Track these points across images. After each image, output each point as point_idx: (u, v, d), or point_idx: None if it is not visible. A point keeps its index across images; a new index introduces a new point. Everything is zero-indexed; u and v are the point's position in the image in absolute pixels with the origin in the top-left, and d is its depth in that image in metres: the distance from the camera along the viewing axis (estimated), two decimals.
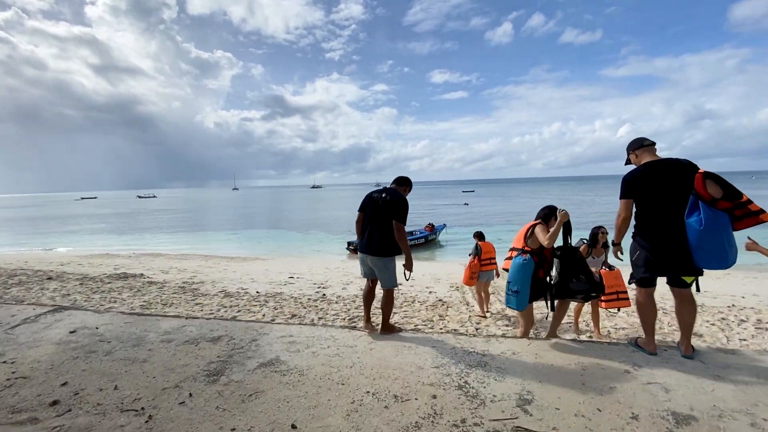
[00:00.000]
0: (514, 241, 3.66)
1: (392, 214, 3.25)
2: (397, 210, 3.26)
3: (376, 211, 3.33)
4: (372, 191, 3.48)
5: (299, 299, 7.34)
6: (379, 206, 3.31)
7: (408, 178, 3.60)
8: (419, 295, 7.67)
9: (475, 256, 6.33)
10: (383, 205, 3.28)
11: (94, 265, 13.08)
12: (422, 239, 19.53)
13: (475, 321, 5.81)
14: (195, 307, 6.65)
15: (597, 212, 34.46)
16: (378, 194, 3.38)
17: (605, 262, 5.27)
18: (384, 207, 3.28)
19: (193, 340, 3.24)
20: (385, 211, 3.28)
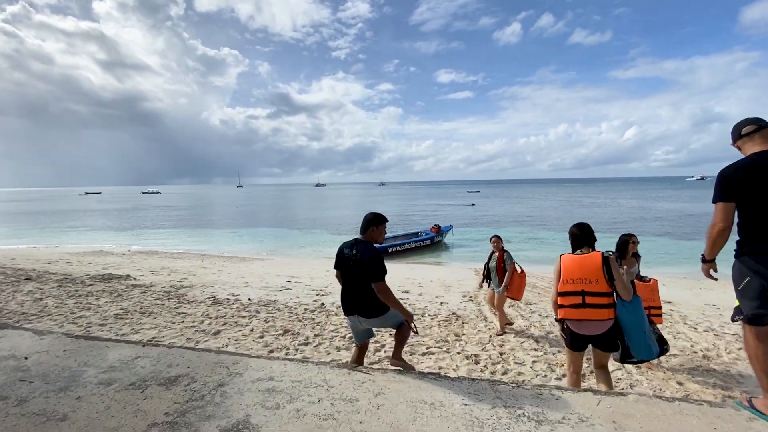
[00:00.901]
0: (585, 274, 2.95)
1: (368, 275, 2.79)
2: (370, 270, 2.78)
3: (350, 272, 2.92)
4: (343, 246, 3.03)
5: (294, 309, 6.53)
6: (351, 267, 2.89)
7: (378, 215, 3.04)
8: (430, 307, 6.83)
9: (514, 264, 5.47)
10: (354, 265, 2.86)
11: (83, 263, 12.37)
12: (428, 241, 18.67)
13: (498, 342, 4.97)
14: (176, 318, 5.85)
15: (610, 216, 33.39)
16: (348, 250, 2.94)
17: (638, 274, 4.43)
18: (356, 268, 2.85)
19: (142, 381, 2.43)
20: (358, 272, 2.85)
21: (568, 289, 2.99)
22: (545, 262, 14.89)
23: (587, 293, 2.93)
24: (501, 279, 5.40)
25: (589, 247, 3.18)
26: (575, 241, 3.25)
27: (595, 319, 2.93)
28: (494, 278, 5.47)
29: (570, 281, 3.00)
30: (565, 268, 3.05)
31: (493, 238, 5.58)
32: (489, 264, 5.55)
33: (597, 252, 3.11)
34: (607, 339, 3.00)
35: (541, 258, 15.79)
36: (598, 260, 3.00)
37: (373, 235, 2.98)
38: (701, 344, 5.06)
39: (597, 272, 2.95)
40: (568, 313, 3.00)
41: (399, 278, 10.68)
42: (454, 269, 12.98)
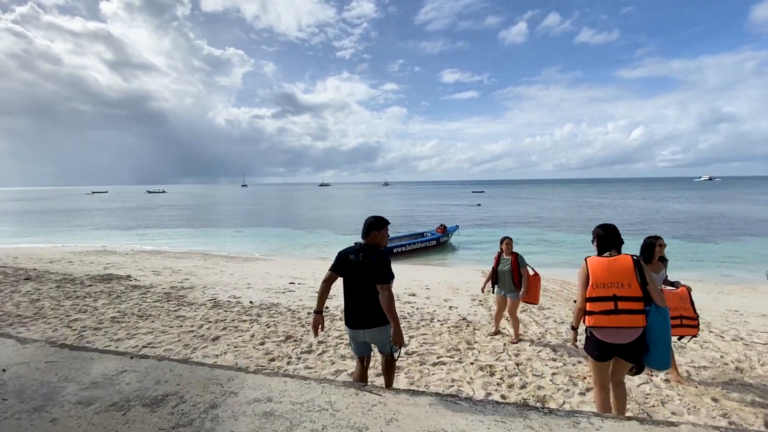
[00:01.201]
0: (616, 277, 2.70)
1: (374, 277, 2.64)
2: (378, 270, 2.64)
3: (357, 278, 2.73)
4: (345, 250, 2.86)
5: (297, 313, 6.27)
6: (359, 272, 2.71)
7: (380, 218, 2.87)
8: (438, 312, 6.54)
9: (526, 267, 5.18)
10: (363, 270, 2.69)
11: (85, 263, 12.21)
12: (433, 241, 18.35)
13: (513, 351, 4.66)
14: (174, 322, 5.61)
15: (619, 216, 32.84)
16: (354, 255, 2.77)
17: (666, 279, 4.11)
18: (364, 272, 2.69)
19: (125, 401, 2.16)
20: (366, 275, 2.68)
21: (599, 294, 2.72)
22: (555, 264, 14.54)
23: (620, 298, 2.68)
24: (516, 284, 5.10)
25: (616, 250, 2.91)
26: (602, 243, 2.98)
27: (628, 327, 2.67)
28: (507, 283, 5.16)
29: (600, 285, 2.73)
30: (593, 271, 2.78)
31: (505, 241, 5.27)
32: (499, 268, 5.23)
33: (626, 255, 2.84)
34: (635, 348, 2.73)
35: (552, 260, 15.43)
36: (629, 263, 2.75)
37: (375, 239, 2.81)
38: (731, 355, 4.73)
39: (629, 276, 2.70)
40: (598, 320, 2.73)
41: (405, 280, 10.40)
42: (461, 271, 12.67)
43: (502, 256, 5.26)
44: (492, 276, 5.33)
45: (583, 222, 28.49)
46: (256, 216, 41.33)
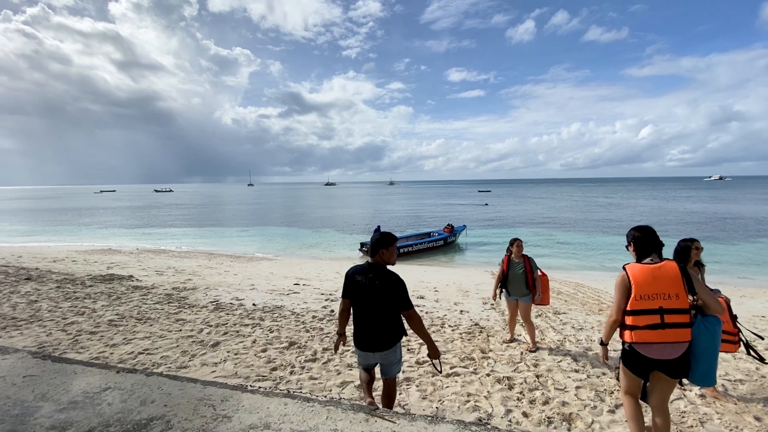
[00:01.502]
0: (663, 287, 2.41)
1: (394, 302, 2.52)
2: (395, 295, 2.50)
3: (369, 302, 2.56)
4: (354, 271, 2.67)
5: (302, 316, 6.01)
6: (371, 296, 2.54)
7: (387, 235, 2.69)
8: (449, 316, 6.24)
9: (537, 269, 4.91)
10: (375, 293, 2.53)
11: (89, 262, 12.10)
12: (441, 241, 18.01)
13: (531, 361, 4.35)
14: (173, 326, 5.38)
15: (630, 217, 32.20)
16: (363, 277, 2.59)
17: None
18: (377, 296, 2.52)
19: (104, 427, 1.91)
20: (379, 299, 2.52)
21: (643, 306, 2.42)
22: (567, 267, 14.12)
23: (667, 311, 2.39)
24: (531, 288, 4.81)
25: (657, 255, 2.59)
26: (641, 247, 2.66)
27: (675, 342, 2.40)
28: (520, 287, 4.84)
29: (644, 297, 2.43)
30: (636, 281, 2.47)
31: (516, 243, 4.94)
32: (510, 272, 4.90)
33: (670, 261, 2.53)
34: (680, 364, 2.43)
35: (563, 262, 15.01)
36: (676, 271, 2.45)
37: (384, 258, 2.62)
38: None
39: (677, 285, 2.41)
40: (642, 335, 2.44)
41: (413, 281, 10.11)
42: (470, 272, 12.34)
43: (512, 258, 4.95)
44: (500, 280, 5.00)
45: (593, 222, 27.95)
46: (262, 215, 41.26)
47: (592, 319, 6.33)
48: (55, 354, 4.21)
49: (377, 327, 2.55)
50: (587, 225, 26.41)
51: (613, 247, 17.91)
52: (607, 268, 13.68)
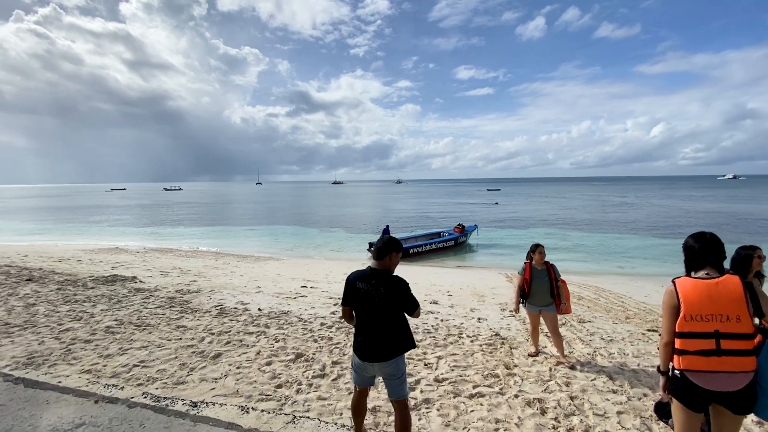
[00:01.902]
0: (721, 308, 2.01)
1: (401, 306, 2.43)
2: (401, 300, 2.41)
3: (372, 309, 2.43)
4: (355, 278, 2.51)
5: (309, 323, 5.64)
6: (375, 303, 2.40)
7: (393, 240, 2.55)
8: (466, 325, 5.82)
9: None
10: (379, 300, 2.39)
11: (94, 261, 11.91)
12: (451, 242, 17.57)
13: (563, 379, 3.92)
14: (173, 333, 5.05)
15: (647, 217, 31.34)
16: (365, 284, 2.44)
17: None
18: (381, 302, 2.39)
19: None
20: (384, 306, 2.40)
21: (694, 329, 2.03)
22: (585, 271, 13.56)
23: (724, 335, 1.99)
24: (556, 297, 4.39)
25: (714, 268, 2.16)
26: (694, 258, 2.25)
27: (735, 372, 1.99)
28: (542, 297, 4.42)
29: (696, 318, 2.03)
30: (686, 298, 2.06)
31: (539, 249, 4.51)
32: (533, 281, 4.46)
33: (732, 275, 2.09)
34: (744, 397, 2.00)
35: (581, 266, 14.44)
36: (738, 288, 2.02)
37: (393, 262, 2.51)
38: None
39: (738, 306, 1.99)
40: (693, 362, 2.04)
41: (424, 285, 9.70)
42: (483, 274, 11.88)
43: (534, 266, 4.51)
44: (520, 290, 4.57)
45: (608, 223, 27.20)
46: (270, 214, 41.16)
47: (621, 329, 5.86)
48: (44, 366, 3.91)
49: (380, 335, 2.41)
50: (602, 225, 25.69)
51: (631, 249, 17.28)
52: (626, 272, 13.12)
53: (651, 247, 17.53)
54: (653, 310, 7.46)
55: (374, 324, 2.41)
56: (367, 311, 2.42)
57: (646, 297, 8.92)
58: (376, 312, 2.39)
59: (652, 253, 16.10)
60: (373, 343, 2.42)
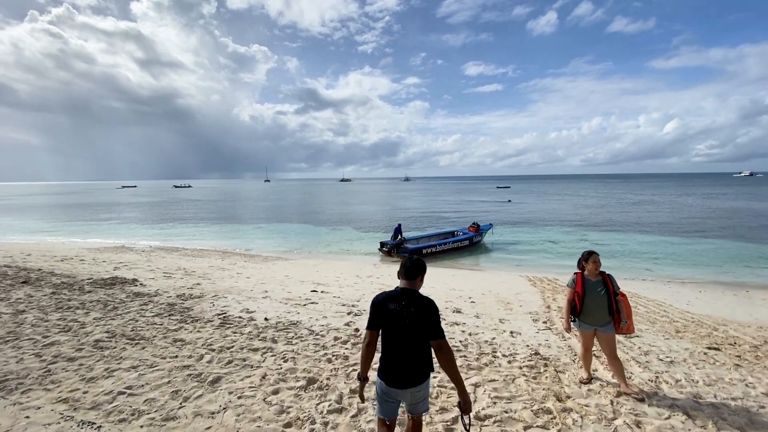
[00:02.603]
0: None
1: (426, 332, 2.19)
2: (429, 323, 2.18)
3: (402, 332, 2.23)
4: (385, 299, 2.30)
5: (322, 337, 5.02)
6: (406, 324, 2.21)
7: (419, 261, 2.37)
8: (498, 341, 5.13)
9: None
10: (411, 322, 2.20)
11: (97, 261, 11.48)
12: (466, 241, 16.82)
13: (630, 416, 3.23)
14: (169, 349, 4.46)
15: (674, 215, 30.16)
16: (395, 303, 2.26)
17: None
18: (413, 324, 2.20)
19: None
20: (414, 328, 2.20)
21: None
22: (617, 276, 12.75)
23: None
24: (615, 314, 3.70)
25: None
26: None
27: None
28: (599, 314, 3.72)
29: None
30: None
31: (592, 257, 3.80)
32: (588, 294, 3.76)
33: None
34: None
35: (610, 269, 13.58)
36: None
37: (420, 283, 2.36)
38: None
39: None
40: None
41: (442, 288, 9.03)
42: (503, 277, 11.16)
43: (587, 277, 3.81)
44: (570, 306, 3.88)
45: (629, 222, 26.10)
46: (278, 211, 40.78)
47: (677, 346, 5.12)
48: (16, 392, 3.35)
49: (411, 360, 2.26)
50: (622, 224, 24.66)
51: (657, 250, 16.35)
52: (657, 275, 12.25)
53: (679, 249, 16.57)
54: (703, 321, 6.68)
55: (405, 347, 2.25)
56: (397, 333, 2.25)
57: (688, 305, 8.12)
58: (407, 334, 2.23)
59: (681, 255, 15.16)
60: (404, 368, 2.26)
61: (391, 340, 2.28)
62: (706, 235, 19.52)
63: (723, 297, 9.26)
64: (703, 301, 8.73)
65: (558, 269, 13.14)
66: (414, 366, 2.25)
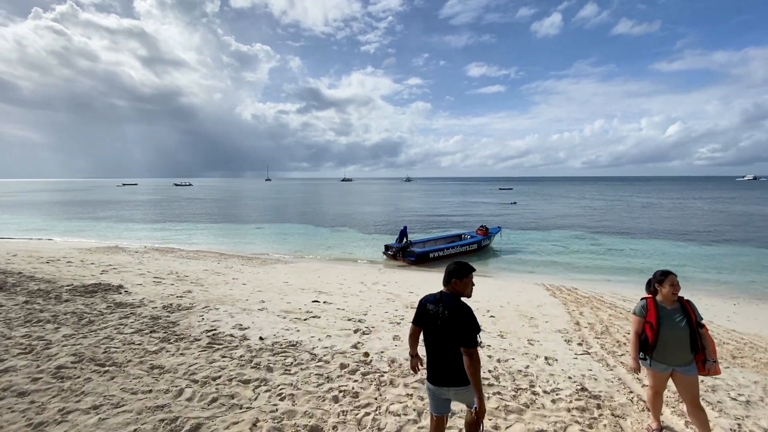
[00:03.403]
0: None
1: (458, 338, 2.25)
2: (462, 329, 2.25)
3: (437, 333, 2.36)
4: (426, 300, 2.47)
5: (326, 364, 4.26)
6: (439, 327, 2.34)
7: (463, 265, 2.42)
8: (534, 370, 4.37)
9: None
10: (443, 324, 2.31)
11: (85, 263, 10.76)
12: (474, 245, 16.06)
13: None
14: (142, 381, 3.71)
15: (687, 219, 29.32)
16: (432, 305, 2.41)
17: None
18: (444, 328, 2.31)
19: None
20: (446, 331, 2.31)
21: None
22: (627, 282, 11.92)
23: None
24: (699, 352, 2.93)
25: None
26: None
27: None
28: (678, 351, 2.96)
29: None
30: None
31: (670, 279, 3.05)
32: (663, 325, 2.99)
33: None
34: None
35: (621, 275, 12.78)
36: None
37: (456, 288, 2.40)
38: None
39: None
40: None
41: None
42: (521, 286, 10.38)
43: (660, 304, 3.05)
44: (639, 339, 3.11)
45: (643, 227, 25.26)
46: (279, 211, 40.05)
47: (742, 377, 4.36)
48: None
49: (448, 360, 2.34)
50: (633, 228, 23.82)
51: (676, 257, 15.56)
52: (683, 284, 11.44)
53: (698, 255, 15.78)
54: (756, 343, 5.91)
55: (440, 347, 2.37)
56: (433, 335, 2.40)
57: (729, 321, 7.35)
58: (441, 335, 2.35)
59: (702, 262, 14.37)
60: (442, 367, 2.38)
61: (430, 339, 2.42)
62: (724, 241, 18.72)
63: (761, 312, 8.49)
64: (743, 316, 7.96)
65: (574, 276, 12.37)
66: (451, 366, 2.32)
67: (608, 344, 5.42)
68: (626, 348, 5.26)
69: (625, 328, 6.33)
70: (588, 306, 8.01)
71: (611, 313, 7.44)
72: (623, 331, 6.12)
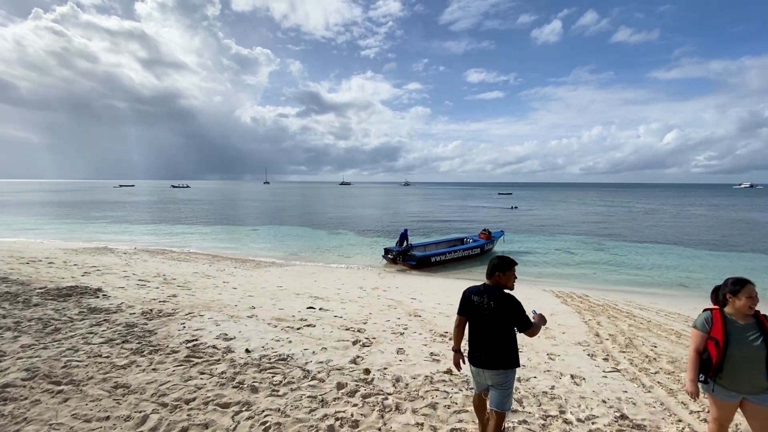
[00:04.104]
0: None
1: (512, 322, 2.50)
2: (514, 318, 2.48)
3: (484, 323, 2.56)
4: (470, 292, 2.67)
5: (320, 383, 3.67)
6: (486, 317, 2.54)
7: (505, 259, 2.61)
8: (560, 391, 3.79)
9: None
10: (490, 315, 2.52)
11: (68, 265, 10.12)
12: (477, 249, 15.50)
13: None
14: (101, 404, 3.12)
15: (694, 226, 28.87)
16: (477, 296, 2.61)
17: None
18: (491, 317, 2.51)
19: None
20: (493, 320, 2.51)
21: None
22: (649, 289, 11.33)
23: None
24: None
25: None
26: None
27: None
28: (750, 376, 2.39)
29: None
30: None
31: (747, 287, 2.50)
32: (731, 346, 2.43)
33: None
34: None
35: (629, 279, 12.21)
36: None
37: (500, 281, 2.57)
38: None
39: None
40: None
41: (456, 303, 7.67)
42: (527, 292, 9.81)
43: (730, 318, 2.50)
44: (699, 358, 2.55)
45: (647, 232, 24.77)
46: (276, 214, 39.42)
47: None
48: None
49: (491, 346, 2.52)
50: (638, 234, 23.33)
51: (685, 263, 15.04)
52: (697, 291, 10.92)
53: (707, 261, 15.27)
54: None
55: (484, 335, 2.53)
56: (479, 323, 2.56)
57: None
58: (486, 325, 2.52)
59: (712, 269, 13.86)
60: (483, 352, 2.54)
61: (474, 328, 2.60)
62: (731, 247, 18.23)
63: None
64: None
65: (583, 283, 11.82)
66: (492, 351, 2.50)
67: (636, 359, 4.85)
68: (658, 364, 4.70)
69: (650, 340, 5.76)
70: (604, 315, 7.45)
71: (630, 323, 6.88)
72: (649, 344, 5.55)
